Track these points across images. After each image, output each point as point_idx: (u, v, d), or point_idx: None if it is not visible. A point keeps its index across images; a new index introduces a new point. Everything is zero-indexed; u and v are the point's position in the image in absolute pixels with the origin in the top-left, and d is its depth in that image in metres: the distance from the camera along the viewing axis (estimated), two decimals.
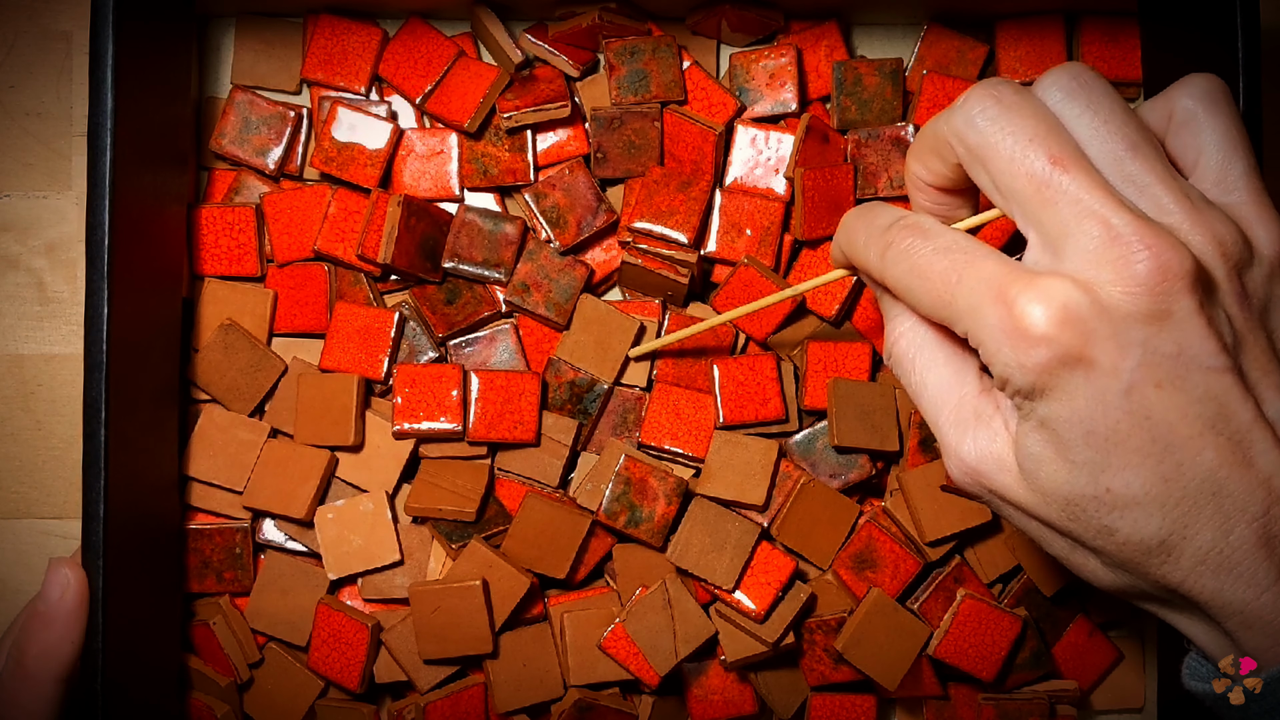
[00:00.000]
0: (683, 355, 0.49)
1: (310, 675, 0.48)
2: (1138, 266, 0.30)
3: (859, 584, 0.49)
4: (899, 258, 0.35)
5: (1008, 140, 0.32)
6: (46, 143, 0.51)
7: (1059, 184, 0.31)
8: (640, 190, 0.48)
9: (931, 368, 0.36)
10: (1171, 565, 0.32)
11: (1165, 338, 0.31)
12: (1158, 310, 0.30)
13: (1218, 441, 0.31)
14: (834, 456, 0.49)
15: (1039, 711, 0.49)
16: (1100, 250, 0.31)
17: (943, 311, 0.33)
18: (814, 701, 0.49)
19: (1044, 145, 0.32)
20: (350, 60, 0.49)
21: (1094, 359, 0.30)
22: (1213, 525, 0.31)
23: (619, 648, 0.48)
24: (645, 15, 0.50)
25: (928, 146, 0.36)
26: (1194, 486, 0.31)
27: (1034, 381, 0.31)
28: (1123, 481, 0.31)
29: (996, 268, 0.32)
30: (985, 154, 0.33)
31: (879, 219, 0.36)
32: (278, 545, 0.49)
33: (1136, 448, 0.31)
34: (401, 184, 0.49)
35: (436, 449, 0.49)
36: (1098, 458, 0.31)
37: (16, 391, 0.51)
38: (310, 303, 0.49)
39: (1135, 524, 0.32)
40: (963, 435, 0.35)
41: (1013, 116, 0.32)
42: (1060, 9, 0.50)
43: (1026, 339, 0.31)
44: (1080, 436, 0.31)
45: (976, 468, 0.34)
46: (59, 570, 0.41)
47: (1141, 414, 0.31)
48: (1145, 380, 0.31)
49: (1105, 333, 0.30)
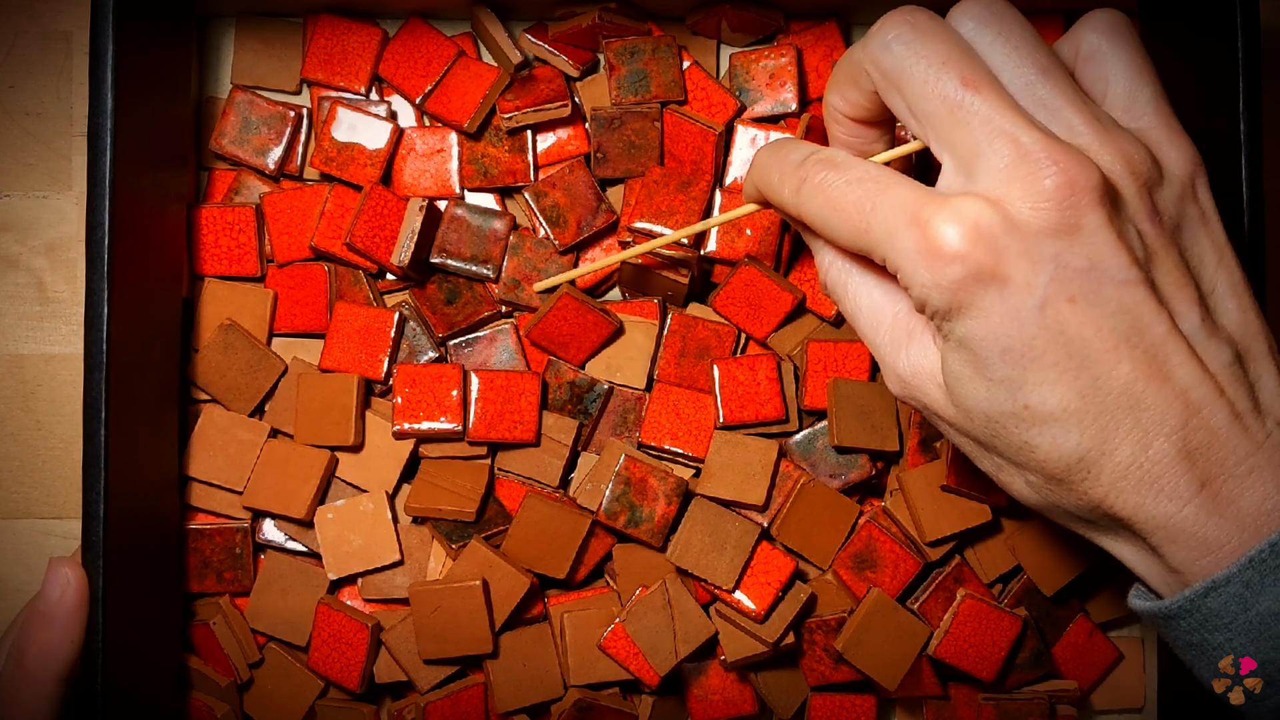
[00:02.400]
0: (683, 355, 0.49)
1: (310, 675, 0.48)
2: (1046, 181, 0.31)
3: (859, 584, 0.49)
4: (813, 192, 0.35)
5: (921, 64, 0.33)
6: (46, 143, 0.51)
7: (970, 105, 0.32)
8: (640, 190, 0.48)
9: (862, 291, 0.37)
10: (1092, 481, 0.32)
11: (1076, 252, 0.31)
12: (1067, 224, 0.31)
13: (1133, 355, 0.31)
14: (834, 456, 0.49)
15: (1039, 711, 0.49)
16: (1010, 168, 0.31)
17: (860, 241, 0.34)
18: (814, 701, 0.49)
19: (956, 68, 0.32)
20: (350, 60, 0.49)
21: (1007, 275, 0.31)
22: (1131, 439, 0.31)
23: (619, 648, 0.48)
24: (645, 15, 0.50)
25: (845, 76, 0.36)
26: (1111, 401, 0.31)
27: (950, 300, 0.32)
28: (1040, 398, 0.32)
29: (909, 193, 0.33)
30: (900, 78, 0.33)
31: (791, 154, 0.37)
32: (278, 545, 0.49)
33: (1053, 363, 0.31)
34: (402, 183, 0.49)
35: (436, 449, 0.49)
36: (1015, 374, 0.32)
37: (16, 391, 0.51)
38: (310, 303, 0.49)
39: (1054, 440, 0.32)
40: (898, 352, 0.36)
41: (926, 41, 0.33)
42: (1060, 9, 0.50)
43: (940, 258, 0.31)
44: (997, 354, 0.32)
45: (912, 381, 0.35)
46: (59, 570, 0.41)
47: (1056, 329, 0.31)
48: (1058, 295, 0.31)
49: (1017, 249, 0.31)
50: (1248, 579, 0.31)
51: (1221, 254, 0.34)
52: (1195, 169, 0.34)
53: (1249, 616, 0.31)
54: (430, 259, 0.49)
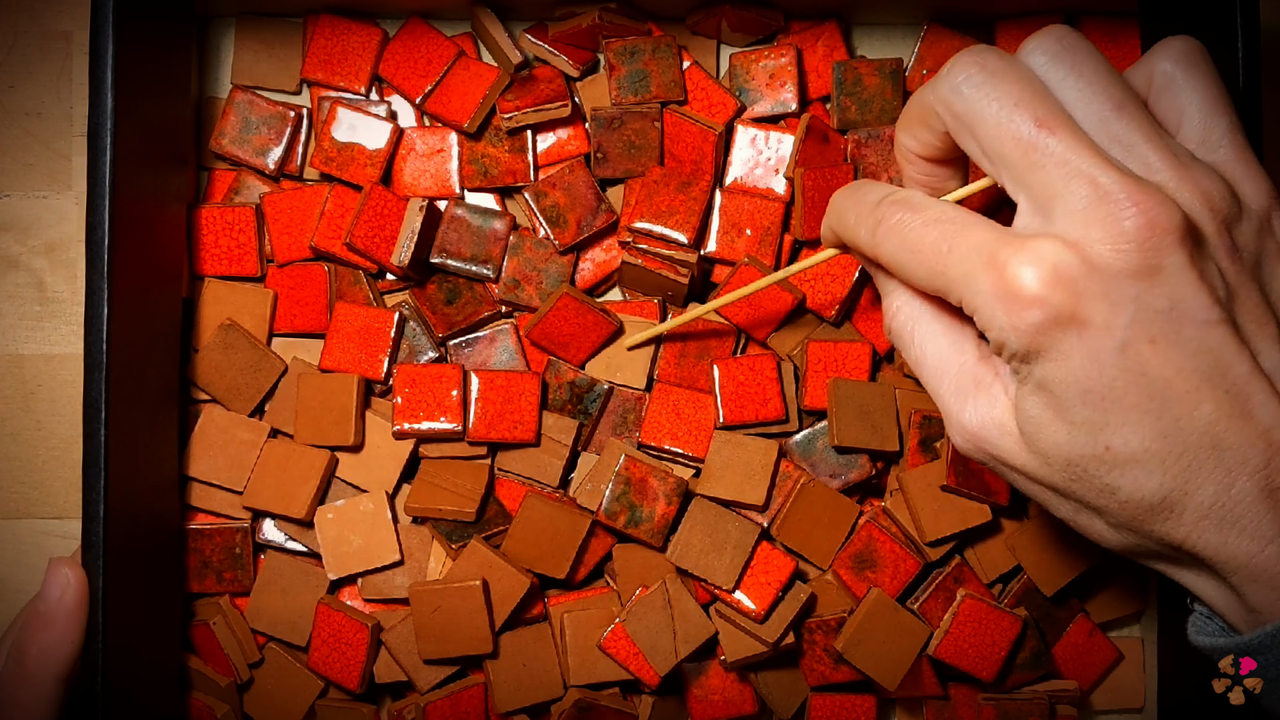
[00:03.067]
0: (683, 355, 0.49)
1: (310, 675, 0.48)
2: (1126, 223, 0.30)
3: (859, 584, 0.49)
4: (890, 233, 0.35)
5: (993, 105, 0.33)
6: (46, 143, 0.51)
7: (1045, 146, 0.32)
8: (640, 190, 0.48)
9: (929, 339, 0.37)
10: (1175, 522, 0.32)
11: (1157, 293, 0.31)
12: (1148, 265, 0.30)
13: (1215, 395, 0.31)
14: (834, 456, 0.49)
15: (1039, 711, 0.49)
16: (1089, 209, 0.31)
17: (936, 282, 0.34)
18: (814, 701, 0.49)
19: (1029, 109, 0.32)
20: (350, 60, 0.49)
21: (1087, 318, 0.31)
22: (1214, 480, 0.31)
23: (619, 648, 0.48)
24: (645, 15, 0.50)
25: (915, 117, 0.36)
26: (1193, 441, 0.31)
27: (1029, 344, 0.31)
28: (1122, 439, 0.31)
29: (987, 234, 0.32)
30: (972, 120, 0.33)
31: (868, 195, 0.37)
32: (278, 545, 0.49)
33: (1134, 404, 0.31)
34: (402, 183, 0.50)
35: (436, 449, 0.49)
36: (1096, 417, 0.31)
37: (16, 391, 0.51)
38: (310, 303, 0.49)
39: (1136, 482, 0.32)
40: (964, 403, 0.35)
41: (998, 82, 0.33)
42: (1060, 9, 0.50)
43: (1019, 301, 0.31)
44: (1077, 396, 0.31)
45: (979, 434, 0.35)
46: (59, 570, 0.41)
47: (1137, 370, 0.31)
48: (1139, 336, 0.31)
49: (1096, 291, 0.31)
50: None
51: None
52: (1272, 203, 0.34)
53: None
54: (430, 259, 0.49)
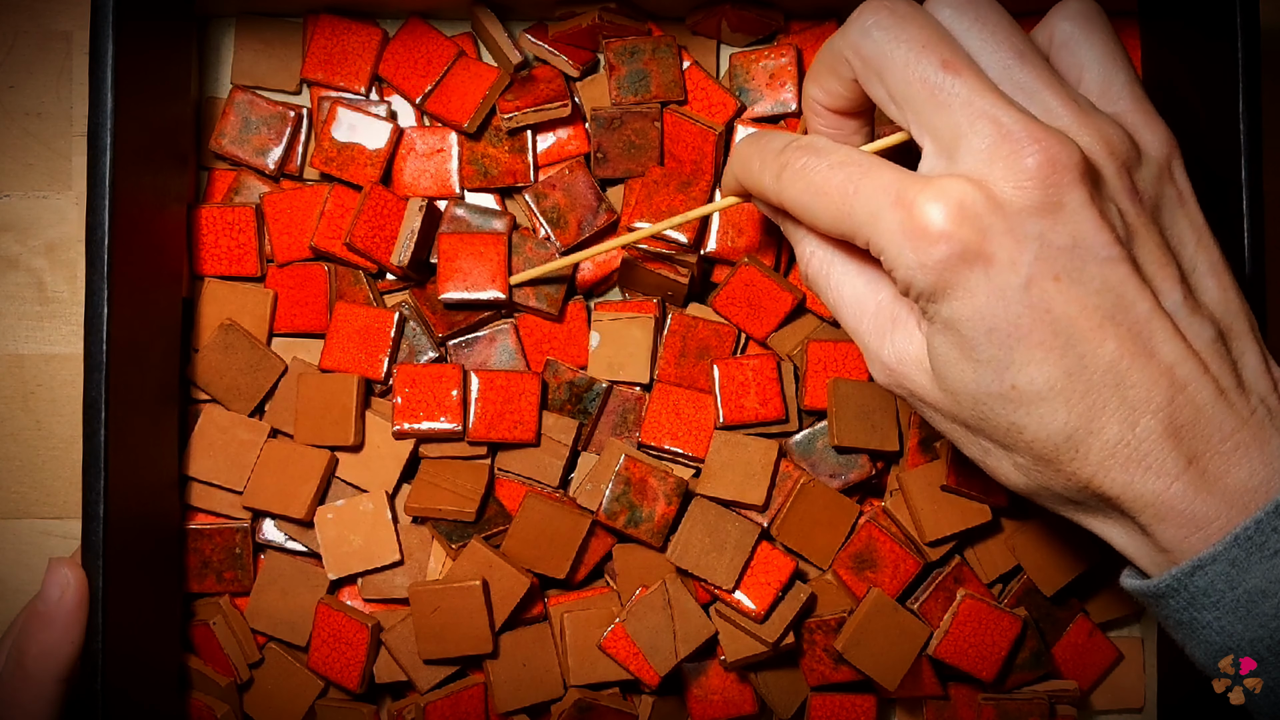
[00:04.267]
0: (683, 355, 0.49)
1: (310, 675, 0.48)
2: (1028, 160, 0.31)
3: (859, 584, 0.49)
4: (795, 177, 0.35)
5: (901, 48, 0.33)
6: (46, 143, 0.51)
7: (951, 88, 0.32)
8: (640, 190, 0.48)
9: (845, 281, 0.37)
10: (1080, 461, 0.32)
11: (1060, 230, 0.31)
12: (1050, 202, 0.31)
13: (1118, 332, 0.31)
14: (834, 456, 0.49)
15: (1039, 711, 0.49)
16: (992, 148, 0.31)
17: (843, 224, 0.34)
18: (814, 701, 0.49)
19: (936, 51, 0.33)
20: (350, 60, 0.49)
21: (992, 254, 0.31)
22: (1118, 417, 0.31)
23: (619, 648, 0.48)
24: (645, 15, 0.50)
25: (825, 66, 0.36)
26: (1097, 379, 0.31)
27: (935, 281, 0.32)
28: (1027, 378, 0.32)
29: (892, 175, 0.33)
30: (880, 63, 0.34)
31: (772, 143, 0.37)
32: (278, 545, 0.49)
33: (1039, 342, 0.31)
34: (402, 183, 0.50)
35: (436, 449, 0.49)
36: (1001, 355, 0.32)
37: (16, 391, 0.51)
38: (310, 303, 0.49)
39: (1042, 420, 0.32)
40: (881, 340, 0.36)
41: (906, 25, 0.33)
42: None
43: (926, 237, 0.31)
44: (983, 334, 0.32)
45: (897, 369, 0.35)
46: (59, 570, 0.41)
47: (1042, 308, 0.31)
48: (1043, 273, 0.31)
49: (1001, 227, 0.31)
50: (1234, 557, 0.31)
51: (1200, 234, 0.34)
52: (1171, 151, 0.35)
53: (1236, 594, 0.31)
54: (430, 259, 0.49)
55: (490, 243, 0.48)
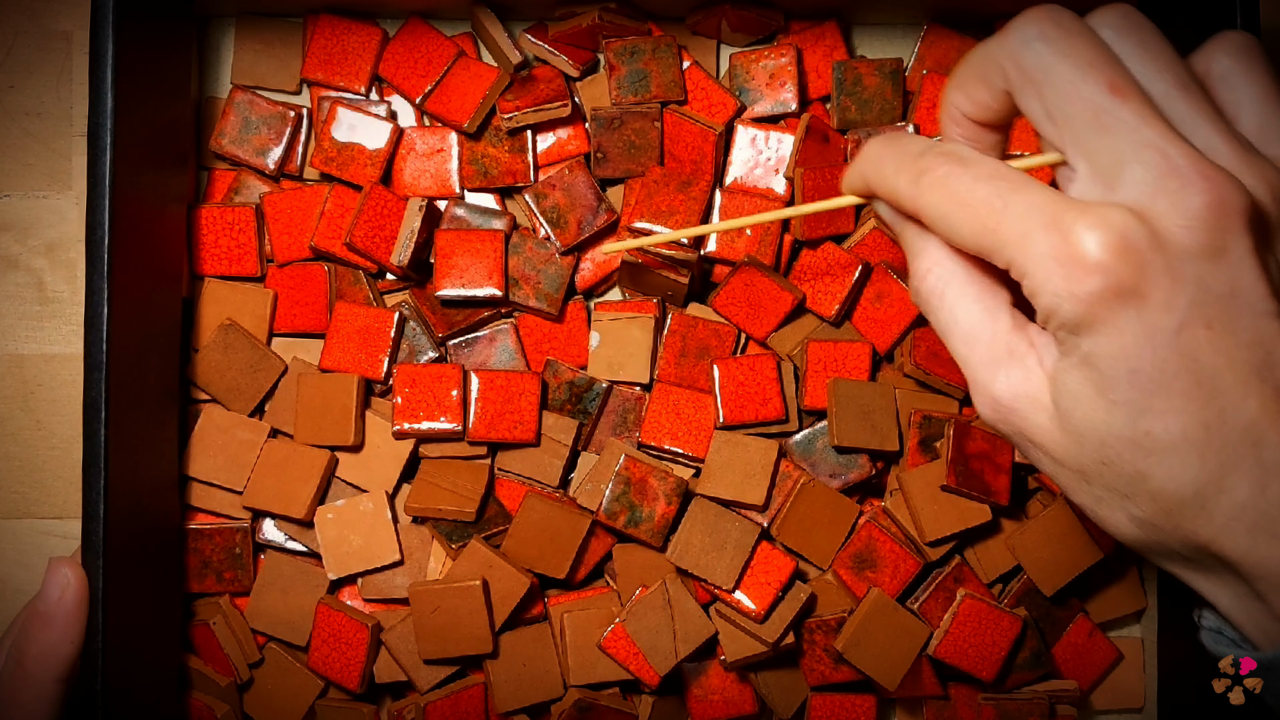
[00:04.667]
0: (683, 355, 0.49)
1: (310, 675, 0.48)
2: (1195, 199, 0.29)
3: (859, 584, 0.49)
4: (936, 184, 0.33)
5: (1066, 65, 0.31)
6: (46, 143, 0.51)
7: (1117, 113, 0.30)
8: (640, 190, 0.48)
9: (961, 303, 0.35)
10: (1204, 519, 0.31)
11: (1220, 276, 0.30)
12: (1214, 246, 0.29)
13: (1263, 390, 0.30)
14: (834, 456, 0.49)
15: (1039, 711, 0.49)
16: (1158, 182, 0.30)
17: (985, 240, 0.32)
18: (814, 701, 0.49)
19: (1103, 72, 0.31)
20: (350, 60, 0.49)
21: (1147, 293, 0.30)
22: (1251, 479, 0.30)
23: (619, 648, 0.48)
24: (645, 15, 0.50)
25: (975, 73, 0.34)
26: (1235, 436, 0.30)
27: (1083, 313, 0.30)
28: (1163, 425, 0.30)
29: (1046, 195, 0.31)
30: (1041, 78, 0.32)
31: (910, 145, 0.35)
32: (278, 545, 0.49)
33: (1181, 390, 0.30)
34: (402, 183, 0.50)
35: (436, 449, 0.49)
36: (1139, 398, 0.30)
37: (16, 391, 0.51)
38: (310, 303, 0.49)
39: (1171, 471, 0.31)
40: (995, 372, 0.34)
41: (1072, 41, 0.31)
42: None
43: (1081, 267, 0.30)
44: (1124, 374, 0.30)
45: (1010, 405, 0.33)
46: (59, 570, 0.41)
47: (1190, 355, 0.30)
48: (1196, 319, 0.30)
49: (1160, 266, 0.29)
50: None
51: None
52: None
53: None
54: (430, 259, 0.49)
55: (487, 240, 0.48)
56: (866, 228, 0.49)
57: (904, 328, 0.49)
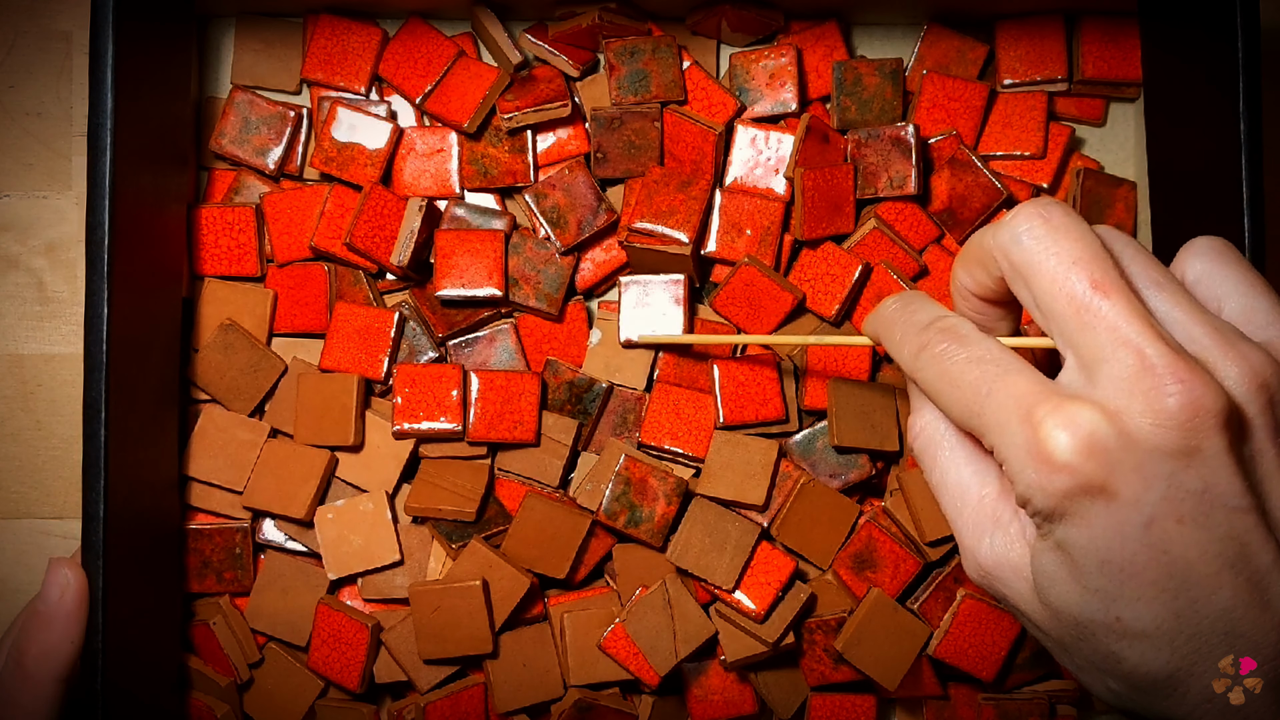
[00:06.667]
0: (683, 355, 0.49)
1: (310, 675, 0.48)
2: (1169, 400, 0.30)
3: (859, 584, 0.49)
4: (932, 361, 0.34)
5: (1051, 260, 0.32)
6: (46, 143, 0.51)
7: (1098, 309, 0.31)
8: (640, 190, 0.48)
9: (952, 466, 0.36)
10: (1177, 700, 0.31)
11: (1192, 474, 0.30)
12: (1186, 447, 0.30)
13: (1235, 582, 0.30)
14: (834, 456, 0.49)
15: (1039, 711, 0.49)
16: (1133, 379, 0.30)
17: (972, 422, 0.33)
18: (814, 701, 0.49)
19: (1087, 269, 0.32)
20: (350, 60, 0.49)
21: (1116, 490, 0.30)
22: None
23: (619, 648, 0.48)
24: (645, 15, 0.50)
25: (973, 258, 0.36)
26: (1206, 625, 0.31)
27: (1054, 506, 0.31)
28: (1134, 614, 0.31)
29: (1028, 386, 0.32)
30: (1028, 272, 0.33)
31: (918, 315, 0.36)
32: (278, 545, 0.49)
33: (1152, 581, 0.30)
34: (402, 183, 0.50)
35: (436, 449, 0.49)
36: (1111, 587, 0.31)
37: (16, 391, 0.51)
38: (310, 303, 0.49)
39: (1143, 656, 0.31)
40: (980, 538, 0.35)
41: (1059, 238, 0.32)
42: (1060, 9, 0.50)
43: (1049, 464, 0.30)
44: (1096, 564, 0.31)
45: (992, 572, 0.34)
46: (59, 570, 0.41)
47: (1160, 548, 0.30)
48: (1167, 515, 0.30)
49: (1130, 464, 0.30)
50: None
51: None
52: None
53: None
54: (430, 259, 0.49)
55: (487, 240, 0.48)
56: (866, 228, 0.49)
57: None
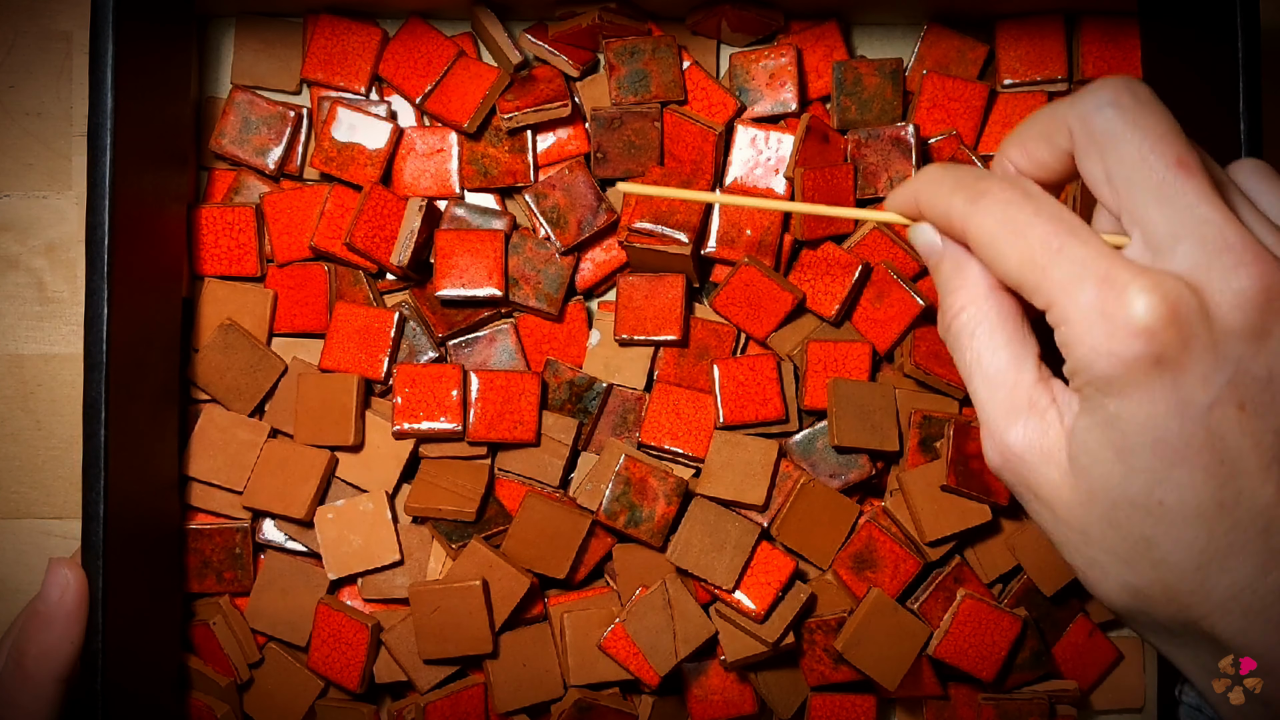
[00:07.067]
0: (683, 355, 0.49)
1: (310, 675, 0.48)
2: (1246, 279, 0.29)
3: (859, 584, 0.49)
4: (994, 206, 0.33)
5: (1137, 134, 0.31)
6: (46, 143, 0.51)
7: (1179, 186, 0.31)
8: None
9: (990, 347, 0.35)
10: (1201, 595, 0.31)
11: (1259, 359, 0.30)
12: (1260, 328, 0.30)
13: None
14: (834, 456, 0.49)
15: (1039, 711, 0.49)
16: (1212, 257, 0.30)
17: (1031, 275, 0.32)
18: (814, 701, 0.49)
19: (1172, 146, 0.31)
20: (350, 60, 0.49)
21: (1187, 365, 0.29)
22: (1254, 561, 0.30)
23: (619, 648, 0.48)
24: (645, 15, 0.50)
25: (1039, 131, 0.34)
26: (1247, 518, 0.30)
27: (1119, 375, 0.30)
28: (1178, 497, 0.30)
29: (1103, 249, 0.31)
30: (1109, 142, 0.32)
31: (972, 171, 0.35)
32: (278, 545, 0.49)
33: (1202, 466, 0.30)
34: (402, 183, 0.50)
35: (436, 449, 0.49)
36: (1159, 467, 0.30)
37: (16, 391, 0.51)
38: (310, 303, 0.49)
39: (1178, 542, 0.31)
40: (1012, 421, 0.33)
41: (1145, 112, 0.32)
42: (1060, 9, 0.50)
43: (1126, 327, 0.29)
44: (1148, 443, 0.30)
45: (1022, 455, 0.33)
46: (59, 570, 0.41)
47: (1217, 432, 0.30)
48: (1230, 399, 0.30)
49: (1205, 341, 0.29)
50: None
51: None
52: None
53: None
54: (430, 259, 0.49)
55: (487, 240, 0.48)
56: (866, 228, 0.49)
57: (904, 328, 0.49)
